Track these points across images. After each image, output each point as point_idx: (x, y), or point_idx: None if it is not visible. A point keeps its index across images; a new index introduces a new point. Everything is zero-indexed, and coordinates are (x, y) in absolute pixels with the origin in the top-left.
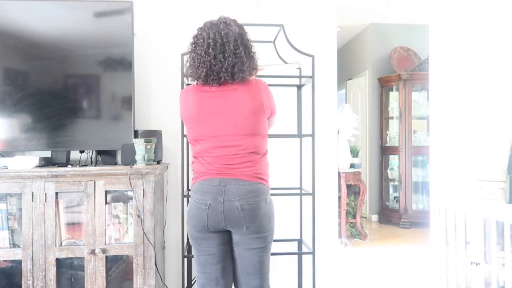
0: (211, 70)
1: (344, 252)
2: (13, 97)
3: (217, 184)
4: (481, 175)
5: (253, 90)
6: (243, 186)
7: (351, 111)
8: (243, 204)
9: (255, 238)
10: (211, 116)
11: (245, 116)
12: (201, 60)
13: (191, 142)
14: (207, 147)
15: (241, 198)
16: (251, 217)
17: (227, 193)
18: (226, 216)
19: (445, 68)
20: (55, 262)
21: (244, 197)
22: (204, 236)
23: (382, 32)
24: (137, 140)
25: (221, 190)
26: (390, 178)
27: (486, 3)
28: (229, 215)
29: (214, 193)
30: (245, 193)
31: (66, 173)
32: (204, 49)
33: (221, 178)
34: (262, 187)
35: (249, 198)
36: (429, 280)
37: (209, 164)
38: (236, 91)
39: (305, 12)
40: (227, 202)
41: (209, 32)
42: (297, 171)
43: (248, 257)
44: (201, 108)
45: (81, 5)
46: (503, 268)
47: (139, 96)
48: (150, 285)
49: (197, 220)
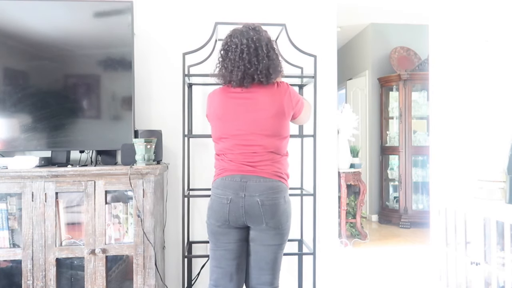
0: (246, 73)
1: (344, 252)
2: (13, 97)
3: (239, 180)
4: (481, 175)
5: (275, 94)
6: (264, 182)
7: (351, 111)
8: (263, 200)
9: (273, 235)
10: (234, 116)
11: (266, 117)
12: (235, 65)
13: (215, 140)
14: (229, 145)
15: (261, 193)
16: (271, 213)
17: (248, 189)
18: (246, 211)
19: (445, 68)
20: (55, 262)
21: (264, 193)
22: (224, 232)
23: (382, 32)
24: (137, 140)
25: (242, 186)
26: (390, 178)
27: (486, 3)
28: (250, 210)
29: (236, 188)
30: (266, 189)
31: (66, 173)
32: (238, 54)
33: (242, 175)
34: (281, 185)
35: (269, 194)
36: (429, 280)
37: (230, 161)
38: (259, 94)
39: (305, 12)
40: (248, 197)
41: (241, 38)
42: (297, 171)
43: (263, 252)
44: (226, 108)
45: (81, 5)
46: (503, 268)
47: (139, 96)
48: (150, 285)
49: (218, 215)
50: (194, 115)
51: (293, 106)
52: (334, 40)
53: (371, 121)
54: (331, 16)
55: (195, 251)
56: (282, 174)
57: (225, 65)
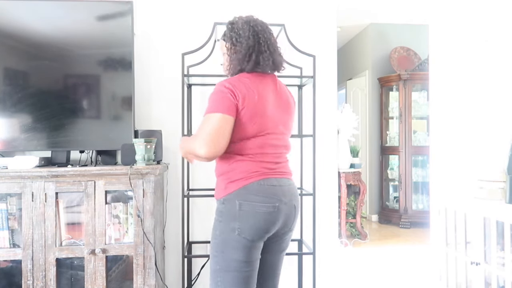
0: (261, 55)
1: (344, 252)
2: (13, 97)
3: (277, 184)
4: (481, 175)
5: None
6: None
7: (351, 111)
8: (296, 205)
9: (288, 238)
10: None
11: (291, 114)
12: (248, 48)
13: (245, 138)
14: (261, 143)
15: (295, 197)
16: (295, 216)
17: (286, 194)
18: (289, 218)
19: (445, 68)
20: (55, 262)
21: (297, 197)
22: (258, 246)
23: (382, 32)
24: (137, 140)
25: (284, 191)
26: (390, 178)
27: (486, 3)
28: (290, 217)
29: (278, 194)
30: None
31: (66, 173)
32: (248, 36)
33: (277, 178)
34: None
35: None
36: (429, 280)
37: (261, 162)
38: (281, 86)
39: (305, 12)
40: (289, 202)
41: (248, 24)
42: (297, 171)
43: (279, 260)
44: (265, 99)
45: (81, 5)
46: (503, 268)
47: (139, 96)
48: (150, 285)
49: (258, 226)
50: (193, 115)
51: None
52: (334, 40)
53: (371, 121)
54: (331, 16)
55: (195, 251)
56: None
57: (236, 52)
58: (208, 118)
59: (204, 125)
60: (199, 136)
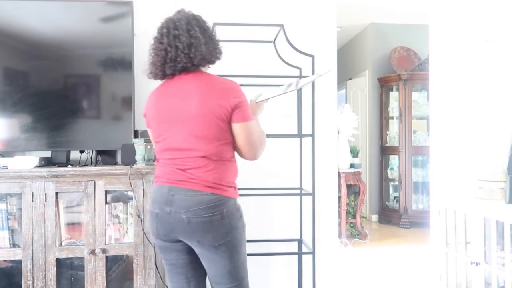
0: (166, 58)
1: (344, 252)
2: (13, 97)
3: (166, 191)
4: (481, 175)
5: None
6: (192, 196)
7: (351, 111)
8: (190, 217)
9: (214, 252)
10: (165, 114)
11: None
12: (157, 53)
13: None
14: (159, 149)
15: (187, 210)
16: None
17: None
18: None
19: (445, 68)
20: (55, 262)
21: (191, 210)
22: (163, 245)
23: (382, 32)
24: (137, 140)
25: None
26: (390, 178)
27: (486, 3)
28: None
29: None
30: (193, 204)
31: (66, 173)
32: (158, 39)
33: (170, 186)
34: (216, 198)
35: (197, 211)
36: (429, 280)
37: (161, 166)
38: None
39: (305, 12)
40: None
41: (163, 23)
42: (297, 171)
43: (215, 267)
44: (158, 105)
45: (81, 5)
46: (503, 268)
47: (139, 96)
48: (150, 285)
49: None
50: None
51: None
52: (334, 40)
53: (371, 121)
54: (331, 16)
55: None
56: (219, 185)
57: (150, 58)
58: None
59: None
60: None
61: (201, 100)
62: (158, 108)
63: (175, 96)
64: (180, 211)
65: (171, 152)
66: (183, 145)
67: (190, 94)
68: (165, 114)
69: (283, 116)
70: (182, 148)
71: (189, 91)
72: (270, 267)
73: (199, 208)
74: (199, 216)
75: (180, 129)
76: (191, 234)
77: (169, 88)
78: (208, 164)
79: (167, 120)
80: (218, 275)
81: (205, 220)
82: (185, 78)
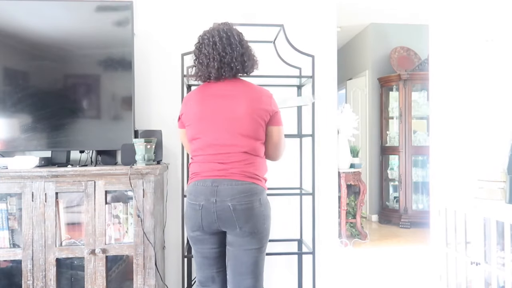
0: (222, 63)
1: (344, 252)
2: (13, 97)
3: (210, 184)
4: (481, 175)
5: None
6: (236, 186)
7: (351, 111)
8: (235, 204)
9: (250, 239)
10: (212, 113)
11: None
12: (210, 57)
13: (189, 141)
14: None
15: (233, 198)
16: (244, 217)
17: (219, 193)
18: (219, 217)
19: (445, 68)
20: (55, 262)
21: (236, 197)
22: (200, 238)
23: (382, 32)
24: (137, 140)
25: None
26: (390, 178)
27: (486, 4)
28: (222, 215)
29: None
30: (237, 192)
31: (66, 173)
32: (211, 46)
33: (213, 179)
34: (255, 187)
35: (241, 198)
36: (429, 280)
37: (202, 163)
38: (238, 89)
39: (305, 12)
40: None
41: (212, 32)
42: (297, 171)
43: (242, 257)
44: (204, 105)
45: (81, 5)
46: (503, 268)
47: (139, 96)
48: (150, 285)
49: (192, 221)
50: None
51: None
52: (334, 40)
53: (371, 121)
54: (331, 16)
55: None
56: (257, 176)
57: (200, 60)
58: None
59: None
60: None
61: (249, 104)
62: (202, 107)
63: (223, 98)
64: (226, 199)
65: (216, 147)
66: (229, 142)
67: (239, 98)
68: (211, 113)
69: (283, 116)
70: (228, 144)
71: (238, 95)
72: (270, 266)
73: (243, 195)
74: (243, 203)
75: (226, 128)
76: (235, 222)
77: (215, 90)
78: (249, 158)
79: (212, 118)
80: (244, 266)
81: (248, 207)
82: (231, 83)
